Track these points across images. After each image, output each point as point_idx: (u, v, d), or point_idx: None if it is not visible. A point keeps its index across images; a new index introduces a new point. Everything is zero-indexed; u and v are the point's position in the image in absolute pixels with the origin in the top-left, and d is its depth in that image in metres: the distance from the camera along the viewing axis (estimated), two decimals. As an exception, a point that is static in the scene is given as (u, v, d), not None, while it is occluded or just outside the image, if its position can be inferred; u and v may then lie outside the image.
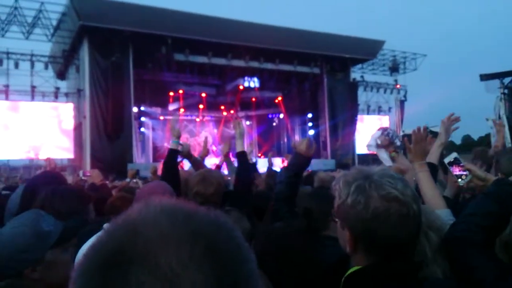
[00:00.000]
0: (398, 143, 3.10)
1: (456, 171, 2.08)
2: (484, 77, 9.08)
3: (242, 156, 3.27)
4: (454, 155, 2.11)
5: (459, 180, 2.07)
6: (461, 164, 2.06)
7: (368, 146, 3.10)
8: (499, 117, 8.33)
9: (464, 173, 2.05)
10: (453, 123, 2.47)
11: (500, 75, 9.05)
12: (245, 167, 3.26)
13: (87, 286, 0.48)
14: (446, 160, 2.13)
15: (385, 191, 1.09)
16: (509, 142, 7.77)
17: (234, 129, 3.47)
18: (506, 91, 8.82)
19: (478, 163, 3.14)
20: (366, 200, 1.10)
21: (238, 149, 3.31)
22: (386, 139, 3.06)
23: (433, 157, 2.38)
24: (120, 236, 0.50)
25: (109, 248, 0.49)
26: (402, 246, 1.10)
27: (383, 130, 3.19)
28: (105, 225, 1.43)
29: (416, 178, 2.12)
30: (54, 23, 18.07)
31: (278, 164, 16.26)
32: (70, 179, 5.58)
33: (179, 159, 3.65)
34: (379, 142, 3.07)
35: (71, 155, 18.65)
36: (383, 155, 2.81)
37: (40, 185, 2.47)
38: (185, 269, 0.46)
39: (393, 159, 3.08)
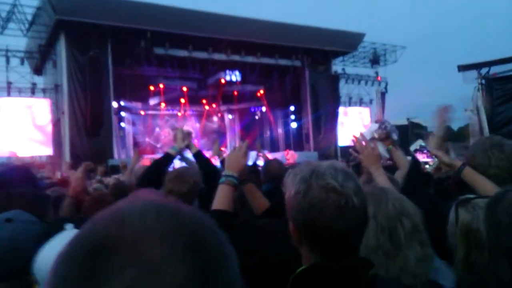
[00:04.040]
0: (395, 137, 3.12)
1: (422, 157, 2.12)
2: (462, 68, 9.18)
3: (198, 155, 3.33)
4: (419, 142, 2.14)
5: (426, 166, 2.10)
6: (426, 151, 2.10)
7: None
8: (477, 107, 8.45)
9: (430, 159, 2.09)
10: (447, 115, 2.47)
11: (477, 66, 9.15)
12: (206, 163, 3.28)
13: (71, 271, 0.48)
14: (412, 148, 2.17)
15: (325, 181, 1.10)
16: (487, 132, 7.90)
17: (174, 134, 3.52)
18: (483, 81, 8.94)
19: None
20: (306, 190, 1.11)
21: (193, 150, 3.35)
22: (384, 133, 3.09)
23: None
24: (106, 224, 0.51)
25: (95, 237, 0.50)
26: (343, 238, 1.10)
27: (381, 123, 3.21)
28: (67, 225, 1.38)
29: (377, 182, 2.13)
30: (29, 17, 17.65)
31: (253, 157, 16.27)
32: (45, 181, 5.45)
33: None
34: (376, 135, 3.09)
35: (49, 152, 18.31)
36: (379, 148, 2.81)
37: (7, 184, 2.40)
38: (167, 261, 0.47)
39: (389, 152, 3.10)
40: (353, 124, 23.75)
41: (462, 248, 1.51)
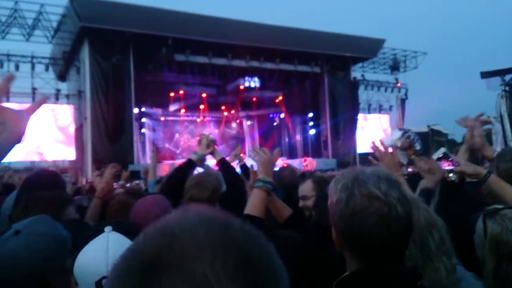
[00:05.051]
0: (418, 147, 3.07)
1: (445, 165, 2.09)
2: (485, 75, 9.03)
3: (222, 163, 3.34)
4: (442, 150, 2.11)
5: (450, 174, 2.07)
6: (450, 159, 2.07)
7: (387, 144, 3.08)
8: (501, 115, 8.29)
9: (454, 167, 2.06)
10: (482, 125, 2.39)
11: (501, 72, 8.99)
12: (229, 171, 3.29)
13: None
14: (435, 156, 2.14)
15: (367, 190, 1.08)
16: (510, 140, 7.74)
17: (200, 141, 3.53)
18: (507, 88, 8.77)
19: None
20: (348, 198, 1.09)
21: (217, 157, 3.36)
22: (407, 142, 3.04)
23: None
24: (157, 241, 0.51)
25: (147, 252, 0.50)
26: (386, 247, 1.08)
27: (404, 131, 3.16)
28: (106, 228, 1.39)
29: None
30: (54, 24, 18.08)
31: (279, 164, 16.27)
32: (69, 186, 5.55)
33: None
34: (398, 144, 3.04)
35: (73, 156, 18.67)
36: (399, 155, 2.77)
37: (35, 187, 2.46)
38: (218, 279, 0.47)
39: (412, 162, 3.04)
40: (372, 131, 23.54)
41: (491, 260, 1.49)
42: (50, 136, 18.18)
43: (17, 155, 17.58)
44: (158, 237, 0.52)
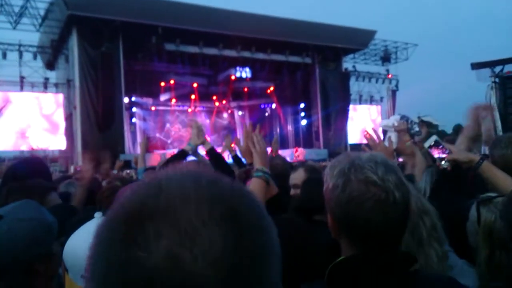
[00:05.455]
0: (417, 128, 3.11)
1: (437, 153, 2.09)
2: (475, 66, 9.09)
3: (211, 152, 3.31)
4: (434, 138, 2.11)
5: (442, 162, 2.07)
6: (441, 146, 2.07)
7: (384, 125, 3.11)
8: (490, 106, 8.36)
9: (445, 155, 2.06)
10: (484, 112, 2.40)
11: (491, 64, 9.05)
12: (218, 161, 3.27)
13: (110, 237, 0.50)
14: (427, 144, 2.13)
15: (364, 175, 1.06)
16: (500, 130, 7.82)
17: (190, 127, 3.47)
18: (497, 79, 8.85)
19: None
20: (344, 183, 1.07)
21: (207, 147, 3.32)
22: (404, 124, 3.08)
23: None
24: (144, 192, 0.52)
25: (133, 203, 0.51)
26: (382, 233, 1.06)
27: (402, 116, 3.23)
28: (96, 214, 1.37)
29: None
30: (42, 12, 17.82)
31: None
32: (58, 175, 5.52)
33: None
34: (396, 124, 3.08)
35: (63, 146, 18.51)
36: (392, 138, 2.78)
37: (18, 175, 2.44)
38: (204, 227, 0.47)
39: (408, 147, 3.08)
40: (362, 121, 23.65)
41: (484, 248, 1.49)
42: (39, 125, 17.99)
43: (5, 145, 17.39)
44: (145, 189, 0.53)
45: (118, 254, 0.47)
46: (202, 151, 3.63)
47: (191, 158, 3.94)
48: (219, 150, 4.85)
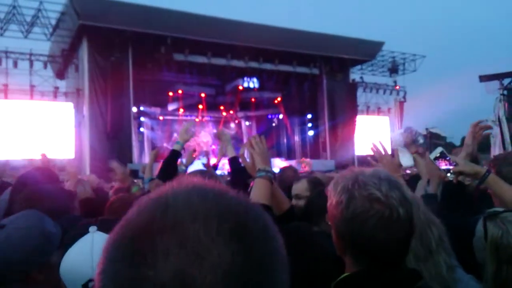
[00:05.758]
0: (421, 141, 3.07)
1: (443, 165, 2.07)
2: (484, 78, 9.09)
3: (233, 161, 3.30)
4: (439, 149, 2.10)
5: (448, 174, 2.06)
6: (448, 158, 2.06)
7: (394, 143, 3.07)
8: (499, 118, 8.32)
9: (451, 167, 2.05)
10: (481, 131, 2.39)
11: (499, 76, 9.05)
12: (238, 170, 3.24)
13: (118, 254, 0.50)
14: (432, 156, 2.12)
15: (368, 191, 1.06)
16: (508, 143, 7.77)
17: (219, 137, 3.48)
18: (505, 92, 8.82)
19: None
20: (348, 200, 1.07)
21: (230, 154, 3.32)
22: (409, 136, 3.06)
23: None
24: (151, 208, 0.52)
25: (140, 219, 0.51)
26: (387, 250, 1.06)
27: (406, 128, 3.19)
28: (91, 228, 1.36)
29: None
30: (53, 22, 18.03)
31: (278, 164, 16.27)
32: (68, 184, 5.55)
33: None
34: (402, 138, 3.05)
35: (71, 155, 18.59)
36: (405, 156, 2.74)
37: (30, 183, 2.45)
38: (213, 242, 0.47)
39: (414, 160, 3.05)
40: (371, 133, 23.55)
41: (491, 263, 1.48)
42: (48, 134, 18.10)
43: (14, 153, 17.52)
44: (152, 205, 0.53)
45: (127, 272, 0.47)
46: (224, 159, 3.64)
47: (183, 159, 3.95)
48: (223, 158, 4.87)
